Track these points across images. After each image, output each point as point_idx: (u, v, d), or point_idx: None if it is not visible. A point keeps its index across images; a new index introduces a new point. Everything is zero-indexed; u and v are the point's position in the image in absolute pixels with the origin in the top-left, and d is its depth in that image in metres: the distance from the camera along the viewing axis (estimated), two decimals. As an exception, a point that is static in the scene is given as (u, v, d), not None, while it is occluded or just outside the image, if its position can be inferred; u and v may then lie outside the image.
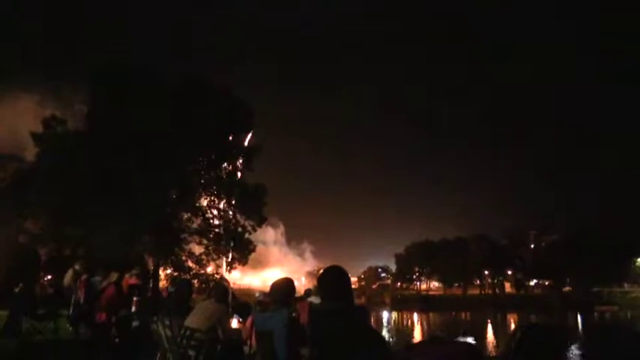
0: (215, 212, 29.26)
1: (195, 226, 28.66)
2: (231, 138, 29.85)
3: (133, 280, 9.90)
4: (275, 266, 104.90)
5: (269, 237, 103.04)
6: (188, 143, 26.06)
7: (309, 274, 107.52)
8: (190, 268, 27.96)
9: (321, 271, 3.42)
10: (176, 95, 26.76)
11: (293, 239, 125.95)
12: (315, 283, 11.83)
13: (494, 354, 19.46)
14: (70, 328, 9.91)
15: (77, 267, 10.41)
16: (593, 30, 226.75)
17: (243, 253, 29.54)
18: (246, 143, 32.18)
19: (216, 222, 29.22)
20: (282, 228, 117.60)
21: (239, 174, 30.50)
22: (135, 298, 8.21)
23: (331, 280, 3.12)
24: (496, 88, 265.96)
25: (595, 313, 59.41)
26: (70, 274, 10.39)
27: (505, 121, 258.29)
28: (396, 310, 74.40)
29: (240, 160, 30.42)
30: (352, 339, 2.78)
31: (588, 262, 73.32)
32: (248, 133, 30.95)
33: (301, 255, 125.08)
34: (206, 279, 27.76)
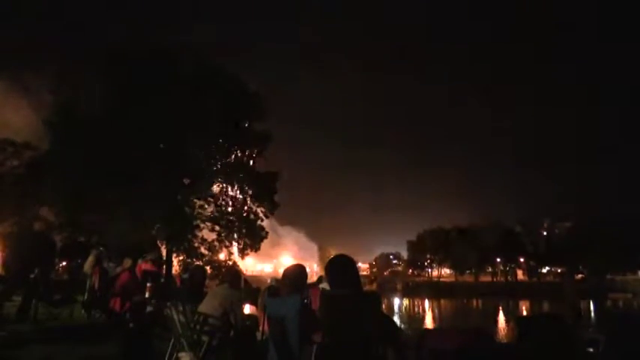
0: (227, 199, 29.35)
1: (207, 212, 28.79)
2: (242, 125, 29.82)
3: (148, 266, 10.00)
4: (279, 253, 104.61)
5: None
6: (200, 130, 26.08)
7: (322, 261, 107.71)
8: (203, 255, 28.15)
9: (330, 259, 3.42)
10: (187, 80, 26.70)
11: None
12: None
13: (505, 341, 19.43)
14: (85, 314, 10.04)
15: (96, 252, 10.56)
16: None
17: (255, 239, 29.67)
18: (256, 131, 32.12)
19: (229, 209, 29.33)
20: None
21: (251, 161, 30.50)
22: (148, 284, 8.27)
23: (338, 268, 3.12)
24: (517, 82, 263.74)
25: (608, 301, 58.94)
26: (90, 260, 10.52)
27: (520, 109, 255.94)
28: (407, 296, 74.49)
29: (252, 147, 30.40)
30: (364, 324, 2.77)
31: (601, 249, 72.80)
32: (259, 120, 30.83)
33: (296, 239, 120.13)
34: (218, 265, 27.98)
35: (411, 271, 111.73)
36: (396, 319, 35.76)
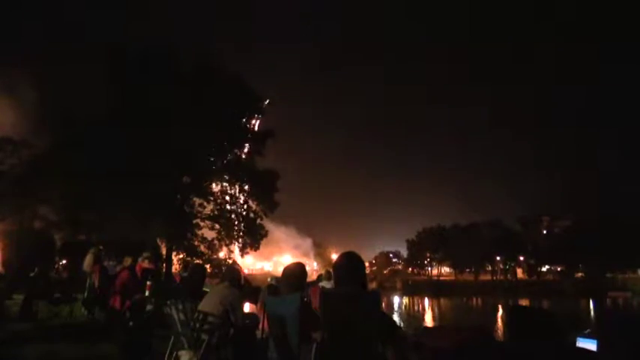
0: (227, 198, 29.34)
1: (207, 211, 28.78)
2: (242, 124, 29.79)
3: (146, 264, 10.01)
4: (282, 251, 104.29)
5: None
6: (200, 128, 26.05)
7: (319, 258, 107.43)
8: (203, 253, 28.15)
9: (336, 256, 3.41)
10: (187, 79, 26.65)
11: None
12: (326, 268, 11.85)
13: (505, 340, 19.39)
14: (85, 312, 10.04)
15: (94, 251, 10.55)
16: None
17: (255, 238, 29.65)
18: (256, 128, 32.10)
19: (228, 207, 29.32)
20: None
21: (250, 159, 30.49)
22: (148, 283, 8.26)
23: (346, 265, 3.11)
24: (517, 79, 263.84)
25: (608, 299, 58.92)
26: (88, 259, 10.51)
27: (521, 107, 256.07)
28: (407, 295, 74.54)
29: (251, 146, 30.41)
30: (364, 323, 2.77)
31: (601, 248, 72.69)
32: (258, 118, 30.86)
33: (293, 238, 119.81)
34: (218, 263, 27.96)
35: (410, 269, 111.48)
36: (396, 317, 35.76)
